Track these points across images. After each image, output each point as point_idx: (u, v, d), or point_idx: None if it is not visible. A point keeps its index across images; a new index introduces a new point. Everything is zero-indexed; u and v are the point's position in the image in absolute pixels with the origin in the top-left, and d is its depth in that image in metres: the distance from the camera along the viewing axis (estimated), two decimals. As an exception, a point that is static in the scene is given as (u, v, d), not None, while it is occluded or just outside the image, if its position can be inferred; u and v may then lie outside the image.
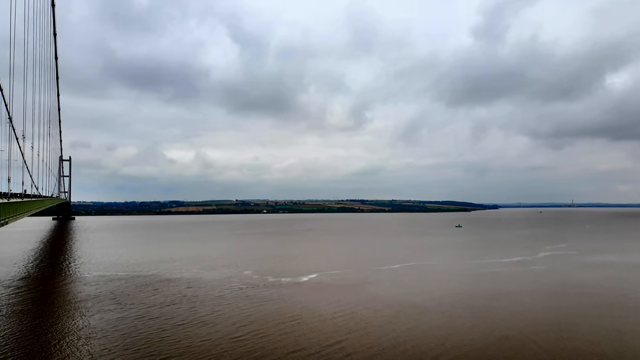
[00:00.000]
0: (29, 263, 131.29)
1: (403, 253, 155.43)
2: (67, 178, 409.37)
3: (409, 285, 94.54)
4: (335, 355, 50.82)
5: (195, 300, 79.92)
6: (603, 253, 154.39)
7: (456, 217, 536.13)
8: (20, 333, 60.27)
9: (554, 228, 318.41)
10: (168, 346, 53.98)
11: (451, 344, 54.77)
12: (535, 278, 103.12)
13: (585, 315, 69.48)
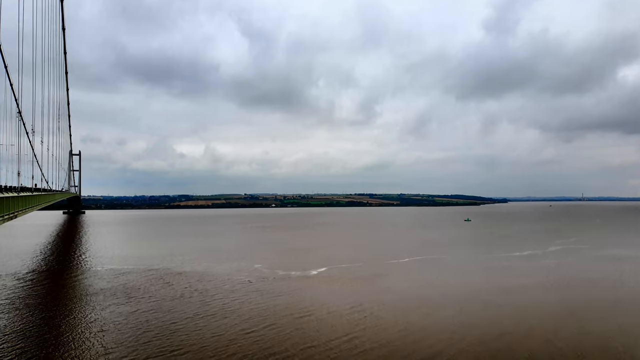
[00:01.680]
0: (41, 256, 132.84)
1: (412, 247, 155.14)
2: (77, 172, 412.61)
3: (418, 279, 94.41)
4: (346, 349, 50.94)
5: (206, 293, 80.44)
6: (614, 247, 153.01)
7: (465, 211, 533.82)
8: (35, 325, 61.06)
9: (564, 222, 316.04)
10: (180, 339, 54.40)
11: (461, 338, 54.65)
12: (546, 272, 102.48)
13: (595, 310, 68.96)
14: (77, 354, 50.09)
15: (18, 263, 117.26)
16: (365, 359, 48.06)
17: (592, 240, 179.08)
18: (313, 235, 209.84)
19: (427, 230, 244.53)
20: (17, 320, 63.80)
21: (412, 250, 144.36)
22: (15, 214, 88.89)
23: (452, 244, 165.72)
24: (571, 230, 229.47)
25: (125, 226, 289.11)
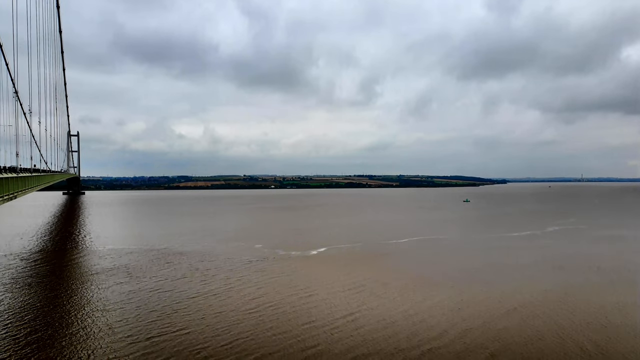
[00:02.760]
0: (43, 236, 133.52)
1: (411, 227, 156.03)
2: (76, 153, 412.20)
3: (417, 259, 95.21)
4: (346, 328, 51.68)
5: (207, 273, 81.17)
6: (612, 228, 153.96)
7: (464, 191, 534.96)
8: (40, 304, 61.78)
9: (562, 203, 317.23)
10: (182, 318, 55.12)
11: (460, 317, 55.41)
12: (544, 252, 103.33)
13: (591, 288, 69.73)
14: (82, 332, 50.81)
15: (21, 243, 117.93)
16: (368, 338, 48.72)
17: (591, 220, 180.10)
18: (313, 216, 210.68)
19: (426, 211, 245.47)
20: (21, 299, 64.50)
21: (411, 230, 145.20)
22: (15, 194, 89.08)
23: (451, 225, 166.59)
24: (570, 211, 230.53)
25: (126, 207, 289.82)
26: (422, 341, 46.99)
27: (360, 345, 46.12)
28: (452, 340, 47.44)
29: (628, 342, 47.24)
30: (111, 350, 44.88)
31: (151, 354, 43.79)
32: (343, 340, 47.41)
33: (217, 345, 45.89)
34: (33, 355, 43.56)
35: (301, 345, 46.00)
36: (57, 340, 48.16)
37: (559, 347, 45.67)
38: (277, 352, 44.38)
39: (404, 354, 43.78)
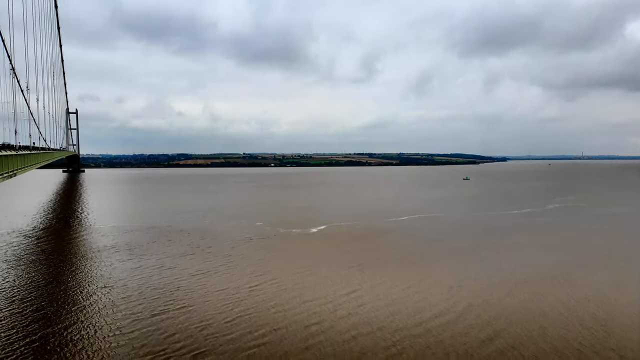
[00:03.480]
0: (45, 214, 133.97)
1: (410, 205, 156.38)
2: (75, 131, 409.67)
3: (416, 237, 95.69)
4: (348, 305, 52.19)
5: (209, 251, 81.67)
6: (611, 205, 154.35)
7: (464, 169, 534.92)
8: (44, 281, 62.32)
9: (563, 180, 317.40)
10: (185, 295, 55.63)
11: (461, 295, 55.90)
12: (544, 230, 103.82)
13: (591, 266, 70.13)
14: (87, 309, 51.36)
15: (23, 220, 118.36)
16: (370, 316, 49.25)
17: (591, 198, 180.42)
18: (313, 194, 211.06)
19: (426, 189, 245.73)
20: (25, 276, 65.03)
21: (411, 208, 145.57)
22: (15, 172, 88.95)
23: (451, 203, 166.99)
24: (570, 189, 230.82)
25: (126, 184, 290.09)
26: (424, 319, 47.46)
27: (362, 323, 46.62)
28: (453, 318, 47.94)
29: (626, 316, 47.75)
30: (116, 327, 45.42)
31: (155, 330, 44.32)
32: (345, 318, 47.93)
33: (221, 322, 46.41)
34: (39, 331, 44.10)
35: (304, 323, 46.52)
36: (62, 316, 48.71)
37: (560, 323, 46.15)
38: (280, 328, 44.91)
39: (406, 331, 44.28)
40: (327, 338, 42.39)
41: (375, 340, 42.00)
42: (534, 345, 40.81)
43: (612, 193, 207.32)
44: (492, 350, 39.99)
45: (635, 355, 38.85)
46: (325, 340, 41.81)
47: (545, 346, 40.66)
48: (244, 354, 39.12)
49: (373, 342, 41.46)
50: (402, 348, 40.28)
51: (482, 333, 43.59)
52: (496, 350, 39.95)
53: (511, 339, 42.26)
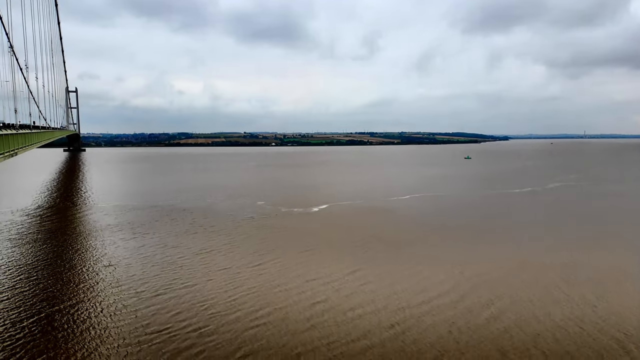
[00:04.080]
0: (47, 193, 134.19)
1: (412, 184, 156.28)
2: (75, 109, 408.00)
3: (417, 216, 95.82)
4: (352, 285, 52.40)
5: (212, 230, 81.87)
6: (613, 184, 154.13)
7: (466, 148, 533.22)
8: (47, 259, 62.65)
9: (564, 159, 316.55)
10: (188, 274, 55.87)
11: (464, 275, 56.06)
12: (545, 208, 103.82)
13: (592, 244, 70.23)
14: (91, 287, 51.70)
15: (25, 199, 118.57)
16: (375, 295, 49.51)
17: (592, 177, 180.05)
18: (314, 174, 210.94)
19: (427, 168, 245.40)
20: (29, 254, 65.36)
21: (412, 187, 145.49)
22: (16, 151, 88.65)
23: (452, 182, 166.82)
24: (571, 168, 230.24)
25: (127, 164, 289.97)
26: (428, 299, 47.62)
27: (367, 302, 46.83)
28: (457, 297, 48.13)
29: (626, 293, 47.94)
30: (121, 305, 45.74)
31: (160, 309, 44.63)
32: (349, 297, 48.17)
33: (225, 300, 46.69)
34: (43, 309, 44.47)
35: (308, 301, 46.76)
36: (67, 295, 49.07)
37: (564, 301, 46.37)
38: (284, 307, 45.17)
39: (410, 311, 44.52)
40: (331, 317, 42.65)
41: (379, 318, 42.27)
42: (539, 324, 41.07)
43: (613, 172, 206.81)
44: (496, 328, 40.24)
45: (636, 332, 39.09)
46: (329, 319, 42.09)
47: (549, 325, 40.93)
48: (248, 332, 39.44)
49: (377, 321, 41.73)
50: (406, 327, 40.55)
51: (486, 313, 43.80)
52: (501, 328, 40.19)
53: (515, 317, 42.49)
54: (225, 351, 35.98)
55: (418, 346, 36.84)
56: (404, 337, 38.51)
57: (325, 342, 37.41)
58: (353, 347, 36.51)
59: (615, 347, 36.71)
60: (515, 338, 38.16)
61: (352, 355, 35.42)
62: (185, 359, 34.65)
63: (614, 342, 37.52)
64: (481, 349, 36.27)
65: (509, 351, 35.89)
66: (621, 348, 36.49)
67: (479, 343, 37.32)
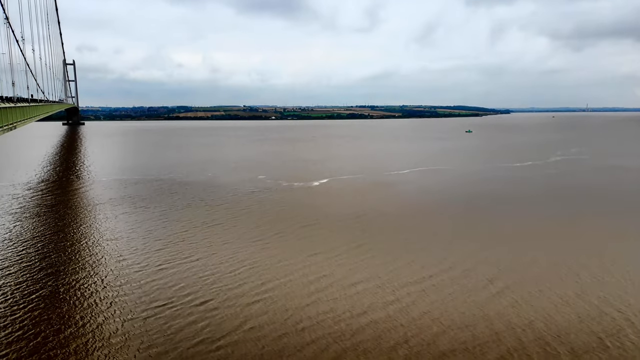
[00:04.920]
0: (48, 167, 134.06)
1: (412, 158, 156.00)
2: (73, 82, 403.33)
3: (418, 190, 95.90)
4: (351, 256, 52.76)
5: (213, 203, 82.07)
6: (614, 157, 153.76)
7: (467, 122, 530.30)
8: (50, 233, 63.01)
9: (565, 133, 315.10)
10: (191, 248, 56.23)
11: (464, 248, 56.42)
12: (545, 182, 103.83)
13: (592, 217, 70.44)
14: (94, 260, 52.13)
15: (26, 173, 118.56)
16: (376, 269, 49.91)
17: (593, 151, 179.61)
18: (314, 148, 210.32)
19: (428, 141, 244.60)
20: (31, 228, 65.70)
21: (413, 161, 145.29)
22: (15, 124, 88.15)
23: (453, 155, 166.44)
24: (572, 141, 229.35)
25: (127, 137, 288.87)
26: (427, 271, 48.04)
27: (370, 277, 47.24)
28: (458, 273, 48.58)
29: (622, 267, 48.30)
30: (124, 278, 46.18)
31: (163, 281, 45.06)
32: (352, 271, 48.56)
33: (227, 274, 47.11)
34: (49, 283, 44.94)
35: (311, 275, 47.18)
36: (71, 268, 49.51)
37: (557, 272, 46.78)
38: (287, 280, 45.59)
39: (414, 286, 44.95)
40: (335, 291, 43.04)
41: (383, 293, 42.68)
42: (544, 298, 41.55)
43: (614, 146, 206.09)
44: (503, 304, 40.70)
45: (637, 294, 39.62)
46: (333, 293, 42.49)
47: (554, 299, 41.39)
48: (252, 306, 39.90)
49: (381, 295, 42.16)
50: (411, 301, 41.02)
51: (483, 282, 44.24)
52: (507, 304, 40.66)
53: (520, 291, 42.94)
54: (230, 325, 36.47)
55: (422, 321, 37.24)
56: (408, 311, 38.95)
57: (330, 316, 37.84)
58: (357, 322, 36.92)
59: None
60: (521, 313, 38.58)
61: (356, 329, 35.88)
62: (190, 333, 35.15)
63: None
64: (485, 324, 36.70)
65: (515, 323, 36.35)
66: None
67: (482, 318, 37.76)
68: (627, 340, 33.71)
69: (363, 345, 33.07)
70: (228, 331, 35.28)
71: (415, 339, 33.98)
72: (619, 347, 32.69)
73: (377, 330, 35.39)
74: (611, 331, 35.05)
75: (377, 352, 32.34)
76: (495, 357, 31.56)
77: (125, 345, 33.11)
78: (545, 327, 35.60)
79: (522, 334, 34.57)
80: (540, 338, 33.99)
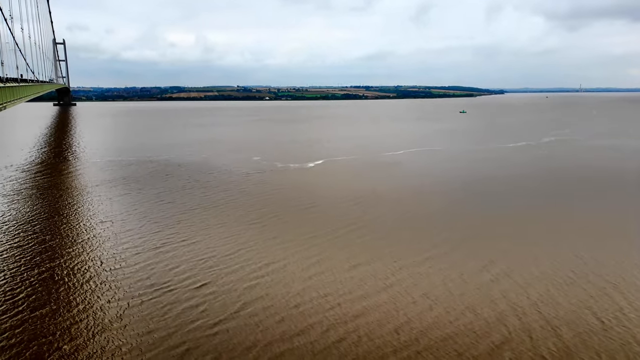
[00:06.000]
0: (40, 148, 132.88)
1: (407, 139, 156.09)
2: (64, 62, 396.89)
3: (411, 170, 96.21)
4: (349, 237, 53.15)
5: (208, 185, 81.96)
6: (607, 138, 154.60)
7: (461, 102, 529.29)
8: (45, 215, 62.81)
9: (559, 114, 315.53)
10: (186, 228, 56.34)
11: (459, 227, 56.94)
12: (539, 163, 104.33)
13: (582, 195, 71.05)
14: (90, 242, 52.16)
15: (19, 154, 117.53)
16: (374, 249, 50.32)
17: (586, 131, 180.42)
18: (309, 129, 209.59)
19: (422, 122, 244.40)
20: (26, 210, 65.43)
21: (407, 142, 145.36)
22: (4, 105, 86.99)
23: (447, 136, 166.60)
24: (566, 122, 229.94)
25: (120, 118, 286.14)
26: (427, 253, 48.41)
27: (366, 259, 47.65)
28: (451, 248, 49.13)
29: (613, 244, 49.02)
30: (120, 259, 46.30)
31: (159, 263, 45.23)
32: (347, 249, 48.96)
33: (223, 255, 47.34)
34: (43, 264, 45.00)
35: (306, 254, 47.51)
36: (66, 249, 49.55)
37: (553, 250, 47.41)
38: (283, 261, 45.89)
39: (405, 260, 45.45)
40: (330, 272, 43.44)
41: (377, 269, 43.18)
42: (530, 273, 42.19)
43: (607, 126, 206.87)
44: (504, 286, 41.31)
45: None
46: (329, 275, 42.85)
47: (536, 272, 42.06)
48: (248, 286, 40.24)
49: (374, 275, 42.64)
50: (402, 277, 41.52)
51: (479, 262, 44.76)
52: (508, 286, 41.26)
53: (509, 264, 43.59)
54: (226, 304, 36.81)
55: (424, 303, 37.74)
56: (409, 292, 39.42)
57: (330, 299, 38.11)
58: (358, 304, 37.18)
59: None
60: (507, 288, 39.19)
61: (358, 312, 36.24)
62: (185, 311, 35.47)
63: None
64: (489, 305, 37.28)
65: (498, 299, 36.95)
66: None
67: (485, 300, 38.36)
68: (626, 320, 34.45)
69: (365, 329, 33.21)
70: (227, 314, 35.40)
71: (417, 321, 34.32)
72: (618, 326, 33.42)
73: (378, 313, 35.76)
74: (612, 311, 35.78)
75: (380, 335, 32.78)
76: (499, 338, 32.16)
77: (124, 329, 33.33)
78: (553, 311, 36.23)
79: (525, 317, 35.19)
80: (544, 319, 34.63)
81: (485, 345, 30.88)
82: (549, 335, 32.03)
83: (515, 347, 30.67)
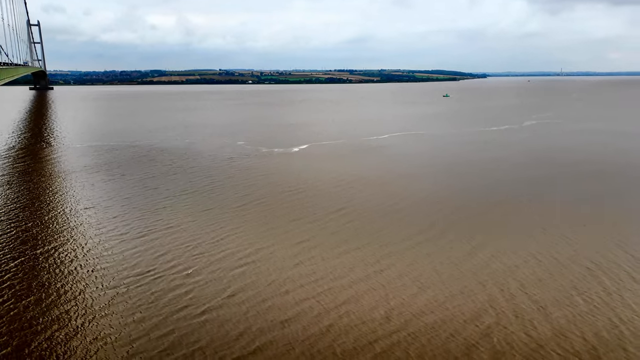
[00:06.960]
0: (17, 133, 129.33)
1: (391, 123, 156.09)
2: (39, 45, 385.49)
3: (397, 154, 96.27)
4: (339, 222, 52.93)
5: (192, 170, 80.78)
6: (587, 121, 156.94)
7: (445, 86, 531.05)
8: (25, 201, 61.20)
9: (541, 97, 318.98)
10: (171, 215, 55.43)
11: (444, 210, 57.20)
12: (521, 146, 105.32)
13: (565, 179, 72.04)
14: (72, 229, 51.02)
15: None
16: (362, 231, 50.24)
17: (567, 114, 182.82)
18: (293, 113, 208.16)
19: (407, 106, 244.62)
20: (6, 196, 63.67)
21: (392, 126, 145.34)
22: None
23: (431, 120, 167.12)
24: (547, 106, 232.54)
25: (100, 102, 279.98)
26: (415, 238, 48.44)
27: (352, 240, 47.58)
28: (437, 234, 49.35)
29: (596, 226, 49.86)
30: (105, 247, 45.40)
31: (145, 250, 44.47)
32: (335, 234, 48.78)
33: (209, 241, 46.76)
34: (26, 251, 43.87)
35: (294, 240, 47.19)
36: (49, 237, 48.39)
37: (539, 233, 47.99)
38: (269, 246, 45.51)
39: (395, 245, 45.51)
40: (317, 255, 43.29)
41: (366, 254, 43.14)
42: (516, 255, 42.65)
43: (587, 109, 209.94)
44: (493, 268, 41.64)
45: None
46: (315, 257, 42.73)
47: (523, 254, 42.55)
48: (235, 271, 39.84)
49: (365, 255, 42.62)
50: (392, 262, 41.60)
51: (467, 246, 45.06)
52: (498, 268, 41.62)
53: (497, 246, 43.99)
54: (213, 289, 36.41)
55: (410, 291, 37.91)
56: (394, 268, 39.53)
57: (312, 279, 38.14)
58: (342, 288, 37.17)
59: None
60: (496, 271, 39.56)
61: (343, 296, 36.24)
62: (173, 299, 34.98)
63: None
64: (469, 284, 37.56)
65: (487, 282, 37.29)
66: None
67: (475, 283, 38.63)
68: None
69: (355, 314, 33.15)
70: (212, 297, 35.17)
71: (407, 305, 34.41)
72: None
73: (369, 298, 35.77)
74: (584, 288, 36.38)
75: (371, 319, 32.82)
76: (489, 320, 32.44)
77: (108, 313, 32.81)
78: (540, 291, 36.67)
79: (513, 298, 35.56)
80: (532, 300, 35.05)
81: (476, 328, 31.14)
82: (537, 316, 32.44)
83: (505, 328, 31.00)
